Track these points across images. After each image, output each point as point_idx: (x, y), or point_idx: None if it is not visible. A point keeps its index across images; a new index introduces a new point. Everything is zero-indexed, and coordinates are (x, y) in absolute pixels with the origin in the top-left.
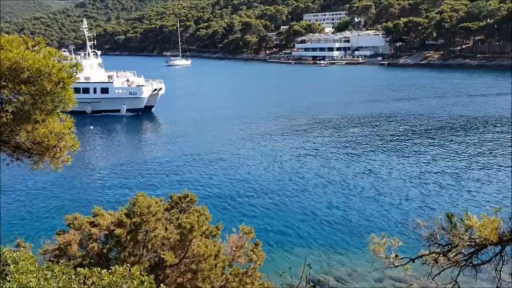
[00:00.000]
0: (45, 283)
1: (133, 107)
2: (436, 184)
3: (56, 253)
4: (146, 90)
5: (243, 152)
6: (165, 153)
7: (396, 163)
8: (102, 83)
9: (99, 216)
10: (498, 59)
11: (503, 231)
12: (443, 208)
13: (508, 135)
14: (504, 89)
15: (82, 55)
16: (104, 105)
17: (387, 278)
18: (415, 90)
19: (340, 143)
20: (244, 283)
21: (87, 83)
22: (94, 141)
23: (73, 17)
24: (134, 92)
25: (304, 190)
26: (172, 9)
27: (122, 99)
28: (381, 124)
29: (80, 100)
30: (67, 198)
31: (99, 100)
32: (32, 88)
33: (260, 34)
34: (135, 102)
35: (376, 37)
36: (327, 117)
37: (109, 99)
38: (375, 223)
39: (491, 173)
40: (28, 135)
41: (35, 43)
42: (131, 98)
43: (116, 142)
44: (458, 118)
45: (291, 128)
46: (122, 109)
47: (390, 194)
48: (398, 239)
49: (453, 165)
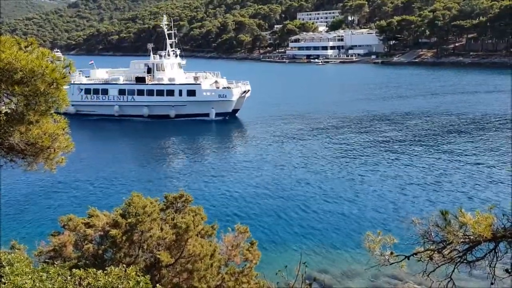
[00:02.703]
0: (40, 285)
1: (221, 110)
2: (431, 181)
3: (51, 255)
4: (236, 92)
5: (237, 153)
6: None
7: (390, 161)
8: (188, 84)
9: (94, 217)
10: (491, 57)
11: (497, 227)
12: (438, 206)
13: (502, 133)
14: (497, 87)
15: (163, 54)
16: (190, 109)
17: (382, 275)
18: (408, 88)
19: (334, 141)
20: (240, 282)
21: (172, 84)
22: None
23: (66, 17)
24: (223, 94)
25: (298, 189)
26: (166, 9)
27: (211, 102)
28: (375, 122)
29: (163, 103)
30: (69, 199)
31: (184, 103)
32: (26, 89)
33: (253, 34)
34: (224, 106)
35: (369, 36)
36: (323, 116)
37: (196, 102)
38: (370, 221)
39: (485, 170)
40: (22, 136)
41: (28, 43)
42: (220, 101)
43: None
44: (451, 116)
45: (286, 127)
46: (211, 113)
47: (385, 192)
48: (393, 237)
49: (447, 162)
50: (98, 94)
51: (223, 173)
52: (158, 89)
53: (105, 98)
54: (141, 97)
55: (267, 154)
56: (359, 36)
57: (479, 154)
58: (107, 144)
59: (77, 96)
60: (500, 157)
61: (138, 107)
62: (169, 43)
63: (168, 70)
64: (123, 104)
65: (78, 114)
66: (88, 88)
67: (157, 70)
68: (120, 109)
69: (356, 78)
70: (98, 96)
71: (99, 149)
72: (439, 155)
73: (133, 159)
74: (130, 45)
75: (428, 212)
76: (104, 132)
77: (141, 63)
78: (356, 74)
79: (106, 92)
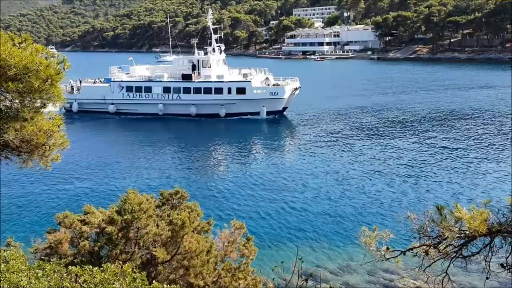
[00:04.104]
0: (36, 282)
1: (272, 109)
2: (427, 176)
3: (47, 252)
4: (288, 89)
5: (230, 148)
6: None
7: (386, 156)
8: (238, 82)
9: (89, 214)
10: (486, 53)
11: (492, 222)
12: (434, 201)
13: (498, 128)
14: (493, 82)
15: (210, 50)
16: (240, 107)
17: (379, 270)
18: (404, 84)
19: (328, 135)
20: (237, 278)
21: (220, 82)
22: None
23: (61, 14)
24: (275, 92)
25: (293, 184)
26: (161, 5)
27: (262, 101)
28: (371, 117)
29: (213, 101)
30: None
31: (233, 102)
32: (20, 86)
33: (249, 30)
34: (275, 104)
35: (365, 32)
36: (315, 110)
37: (246, 101)
38: (366, 216)
39: (481, 165)
40: (17, 133)
41: (22, 40)
42: (271, 99)
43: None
44: (446, 111)
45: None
46: (262, 112)
47: (381, 187)
48: (389, 232)
49: (442, 157)
50: (140, 92)
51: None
52: (205, 87)
53: (148, 96)
54: (187, 96)
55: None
56: (355, 32)
57: (475, 149)
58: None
59: (117, 94)
60: (496, 152)
61: (184, 106)
62: (214, 38)
63: (215, 66)
64: (168, 102)
65: (118, 113)
66: (130, 85)
67: (202, 67)
68: (165, 107)
69: (354, 73)
70: (141, 94)
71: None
72: (434, 150)
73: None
74: (125, 42)
75: (424, 207)
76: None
77: (185, 59)
78: (353, 69)
79: (150, 90)
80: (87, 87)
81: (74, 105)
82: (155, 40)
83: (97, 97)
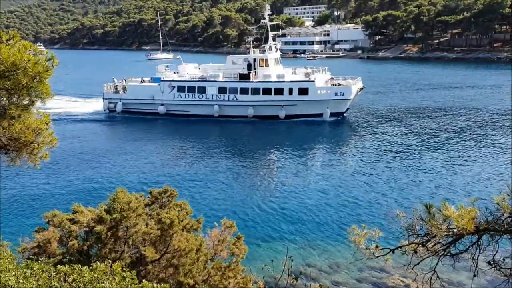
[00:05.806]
0: (24, 281)
1: (336, 110)
2: (416, 175)
3: (35, 251)
4: (354, 90)
5: (216, 148)
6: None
7: (375, 155)
8: (300, 82)
9: (78, 213)
10: (475, 52)
11: (480, 220)
12: (422, 199)
13: (487, 127)
14: (481, 81)
15: (267, 48)
16: (302, 109)
17: (368, 268)
18: (393, 83)
19: (321, 135)
20: (227, 277)
21: (280, 82)
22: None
23: (49, 11)
24: (341, 92)
25: (284, 183)
26: (151, 3)
27: (326, 102)
28: (362, 116)
29: (272, 102)
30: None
31: (295, 103)
32: (7, 83)
33: (240, 28)
34: (340, 105)
35: (355, 31)
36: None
37: (308, 102)
38: (356, 215)
39: (470, 164)
40: (4, 131)
41: (10, 36)
42: (336, 100)
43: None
44: (437, 110)
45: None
46: (325, 113)
47: (370, 186)
48: (379, 230)
49: (431, 156)
50: (193, 93)
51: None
52: (264, 87)
53: (202, 97)
54: (244, 96)
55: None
56: (345, 31)
57: (465, 148)
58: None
59: (168, 94)
60: (486, 151)
61: (241, 107)
62: (271, 35)
63: (272, 65)
64: (224, 103)
65: (168, 114)
66: (182, 85)
67: (259, 66)
68: (220, 109)
69: (345, 72)
70: (194, 95)
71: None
72: (423, 149)
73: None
74: (115, 39)
75: (413, 206)
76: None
77: (240, 58)
78: (344, 68)
79: (204, 90)
80: (134, 87)
81: (118, 106)
82: (145, 38)
83: (145, 97)
